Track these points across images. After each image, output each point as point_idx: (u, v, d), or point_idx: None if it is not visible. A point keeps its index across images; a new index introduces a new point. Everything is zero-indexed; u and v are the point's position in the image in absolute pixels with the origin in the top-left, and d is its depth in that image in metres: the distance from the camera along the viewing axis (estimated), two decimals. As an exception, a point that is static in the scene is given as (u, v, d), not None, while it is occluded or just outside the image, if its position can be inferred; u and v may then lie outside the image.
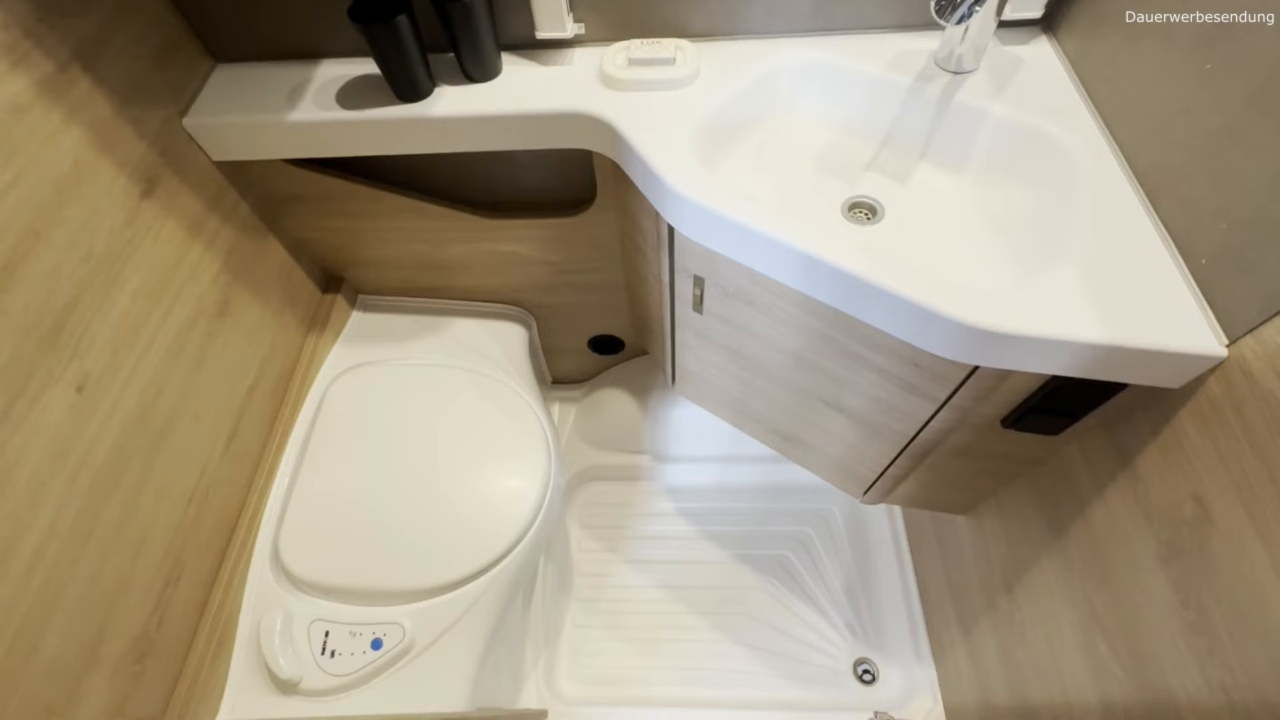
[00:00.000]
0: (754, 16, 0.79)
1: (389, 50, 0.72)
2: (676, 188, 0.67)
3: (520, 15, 0.78)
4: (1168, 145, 0.60)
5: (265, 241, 0.96)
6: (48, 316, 0.63)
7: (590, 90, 0.77)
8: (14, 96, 0.60)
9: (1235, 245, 0.53)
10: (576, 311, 1.22)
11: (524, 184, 1.00)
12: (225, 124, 0.80)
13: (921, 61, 0.76)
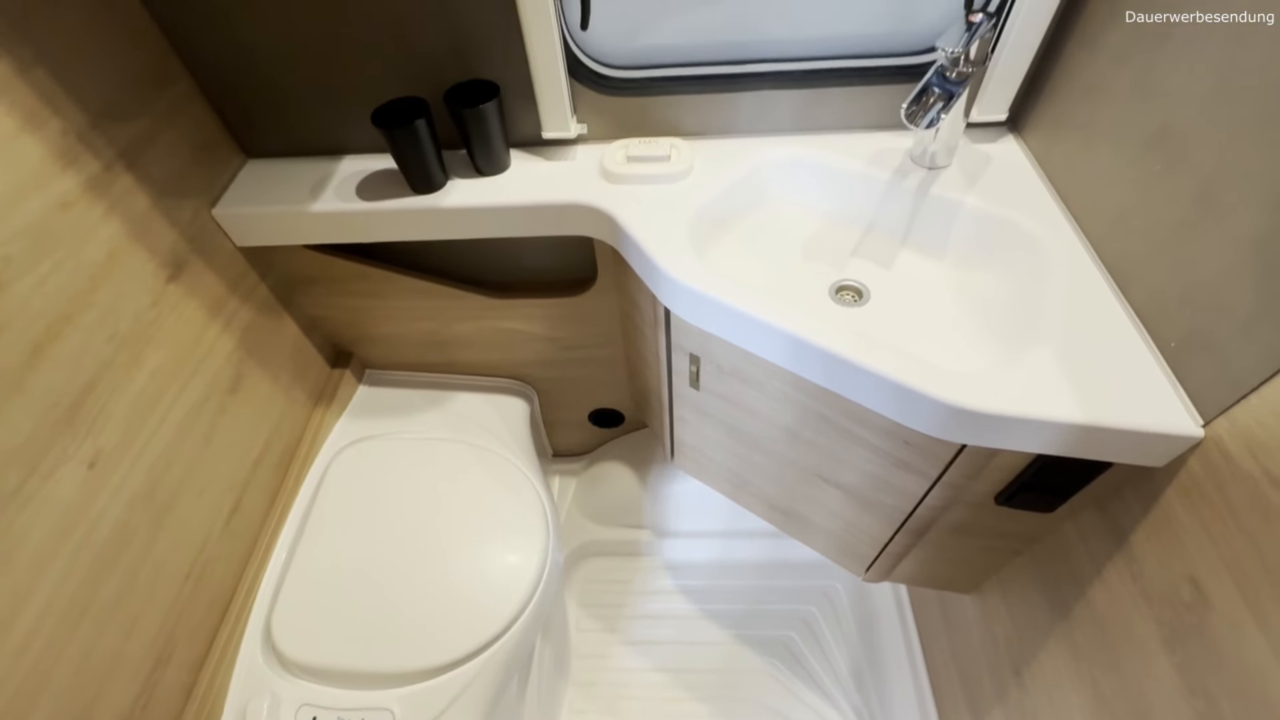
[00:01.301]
0: (743, 118, 0.86)
1: (407, 149, 0.79)
2: (671, 273, 0.72)
3: (528, 116, 0.85)
4: (1130, 236, 0.64)
5: (280, 319, 1.01)
6: (68, 396, 0.66)
7: (592, 184, 0.83)
8: (63, 194, 0.65)
9: (1199, 330, 0.56)
10: (578, 386, 1.25)
11: (528, 265, 1.05)
12: (252, 213, 0.86)
13: (898, 158, 0.82)
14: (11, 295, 0.60)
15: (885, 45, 0.82)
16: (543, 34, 0.74)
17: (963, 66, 0.69)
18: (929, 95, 0.69)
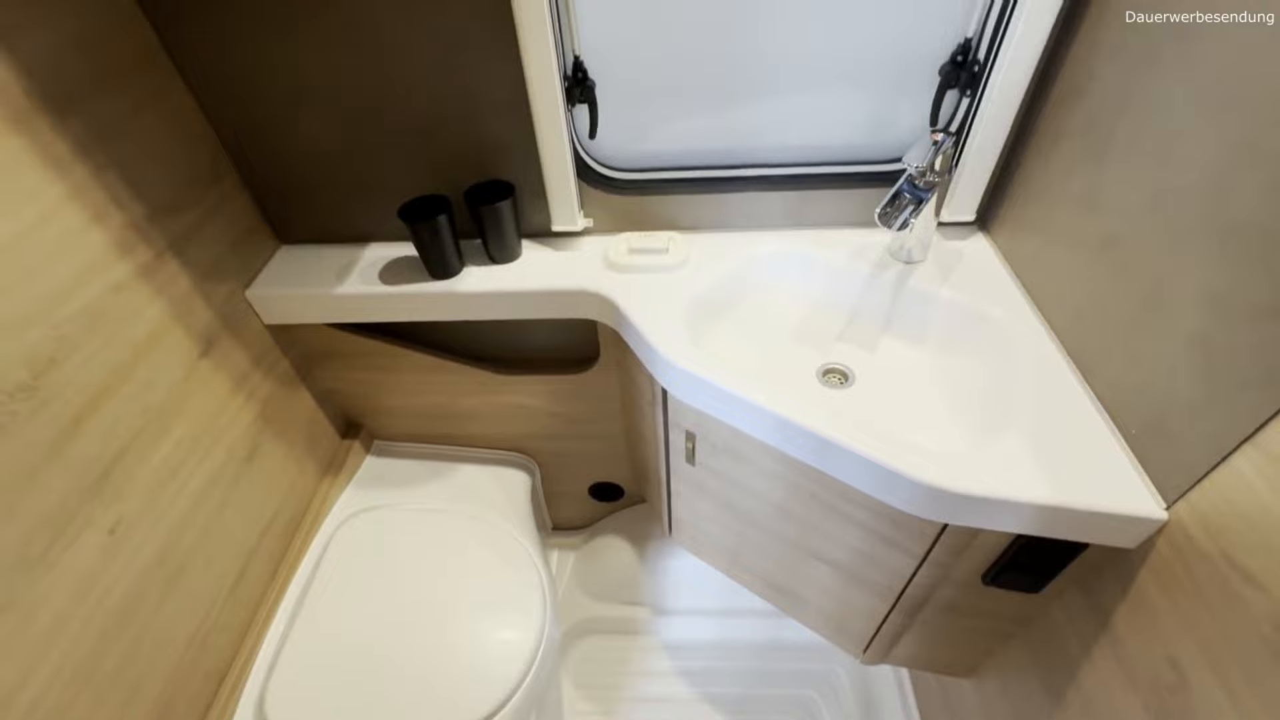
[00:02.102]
0: (735, 215, 0.94)
1: (429, 241, 0.87)
2: (668, 357, 0.77)
3: (539, 212, 0.93)
4: (1089, 330, 0.70)
5: (297, 392, 1.06)
6: (100, 464, 0.70)
7: (596, 272, 0.90)
8: (117, 279, 0.72)
9: (1156, 419, 0.60)
10: (579, 459, 1.28)
11: (535, 343, 1.12)
12: (282, 294, 0.93)
13: (878, 253, 0.90)
14: (63, 370, 0.65)
15: (863, 153, 0.91)
16: (555, 142, 0.83)
17: (930, 176, 0.77)
18: (901, 200, 0.77)
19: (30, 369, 0.63)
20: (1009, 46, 0.72)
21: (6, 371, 0.60)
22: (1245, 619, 0.49)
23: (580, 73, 0.83)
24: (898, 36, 0.78)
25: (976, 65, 0.78)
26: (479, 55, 0.77)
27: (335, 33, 0.76)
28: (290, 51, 0.78)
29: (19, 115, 0.61)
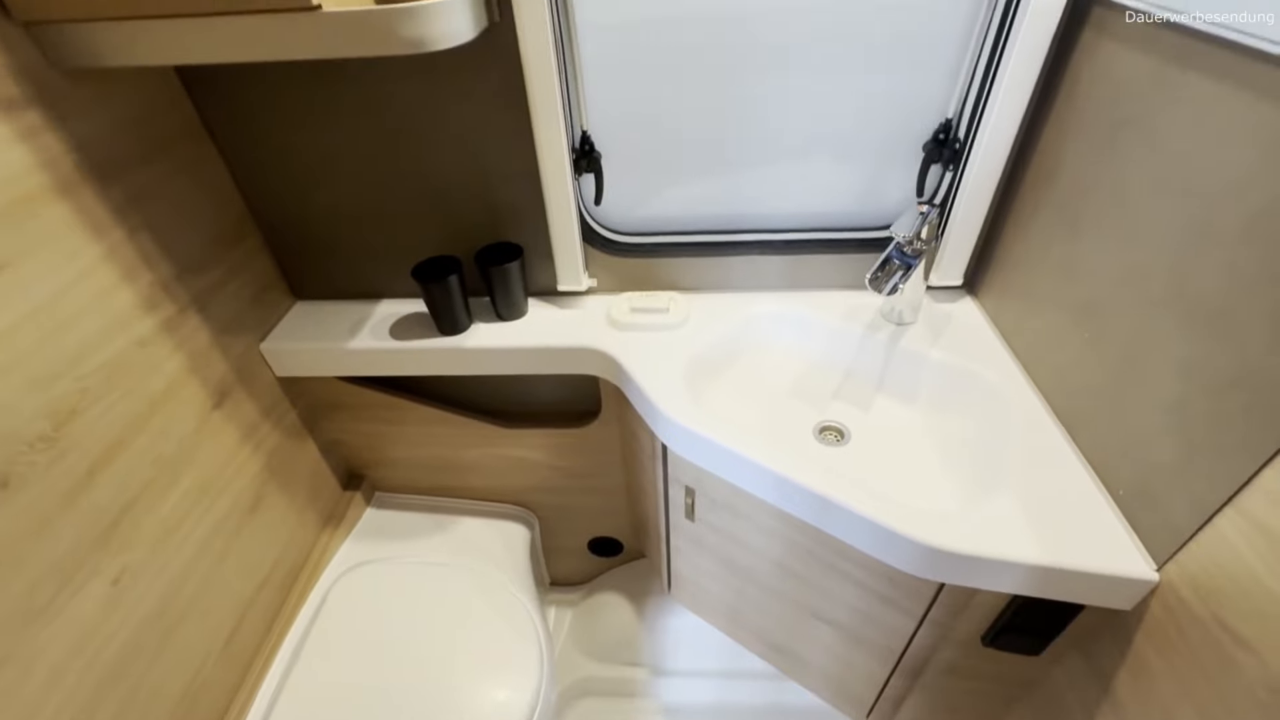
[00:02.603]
0: (733, 277, 0.98)
1: (439, 300, 0.91)
2: (668, 413, 0.79)
3: (545, 271, 0.98)
4: (1073, 392, 0.73)
5: (303, 443, 1.08)
6: (110, 514, 0.71)
7: (599, 331, 0.93)
8: (142, 334, 0.75)
9: (1141, 480, 0.62)
10: (579, 513, 1.29)
11: (538, 397, 1.14)
12: (296, 349, 0.96)
13: (871, 314, 0.93)
14: (83, 421, 0.68)
15: (854, 221, 0.95)
16: (562, 209, 0.88)
17: (917, 244, 0.81)
18: (890, 266, 0.81)
19: (52, 420, 0.65)
20: (986, 127, 0.77)
21: (30, 423, 0.63)
22: (1239, 683, 0.50)
23: (587, 145, 0.88)
24: (884, 115, 0.84)
25: (957, 143, 0.84)
26: (495, 132, 0.82)
27: (361, 113, 0.82)
28: (318, 128, 0.83)
29: (67, 184, 0.66)
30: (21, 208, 0.61)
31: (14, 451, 0.61)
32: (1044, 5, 0.68)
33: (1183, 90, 0.56)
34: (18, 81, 0.61)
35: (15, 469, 0.61)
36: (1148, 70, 0.59)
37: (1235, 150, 0.51)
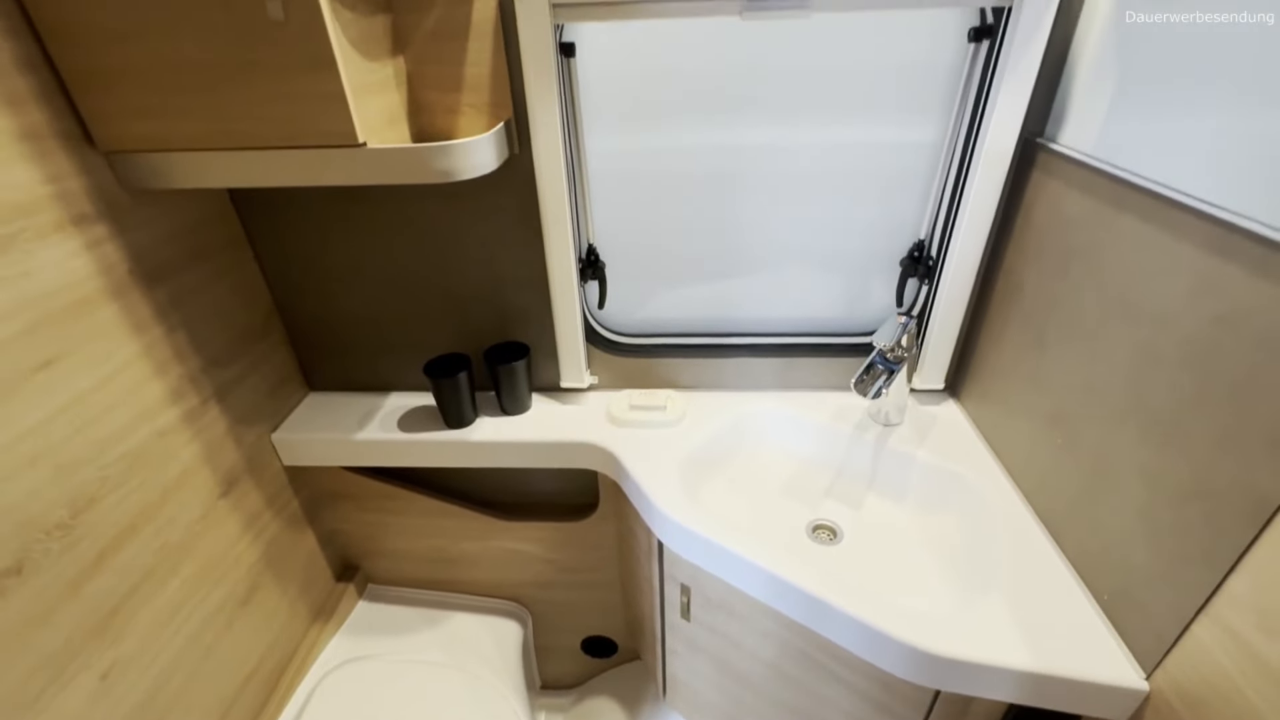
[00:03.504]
0: (728, 377, 1.04)
1: (448, 394, 0.95)
2: (664, 510, 0.82)
3: (550, 369, 1.03)
4: (1053, 496, 0.76)
5: (302, 533, 1.08)
6: (109, 603, 0.72)
7: (599, 426, 0.97)
8: (164, 425, 0.79)
9: (1123, 585, 0.64)
10: (573, 610, 1.27)
11: (537, 488, 1.16)
12: (306, 439, 0.99)
13: (859, 415, 0.98)
14: (99, 509, 0.70)
15: (840, 326, 1.02)
16: (568, 312, 0.95)
17: (898, 351, 0.87)
18: (875, 370, 0.86)
19: (71, 508, 0.67)
20: (955, 248, 0.86)
21: (50, 510, 0.65)
22: (1234, 801, 0.50)
23: (593, 256, 0.96)
24: (864, 234, 0.93)
25: (931, 260, 0.92)
26: (510, 244, 0.91)
27: (387, 227, 0.90)
28: (347, 239, 0.92)
29: (120, 287, 0.72)
30: (77, 309, 0.67)
31: (31, 539, 0.63)
32: (997, 148, 0.78)
33: (1119, 229, 0.63)
34: (92, 200, 0.69)
35: (30, 556, 0.63)
36: (1089, 209, 0.68)
37: (1166, 283, 0.57)
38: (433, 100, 0.79)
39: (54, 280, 0.65)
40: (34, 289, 0.63)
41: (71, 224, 0.67)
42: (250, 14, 0.60)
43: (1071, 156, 0.71)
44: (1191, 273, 0.54)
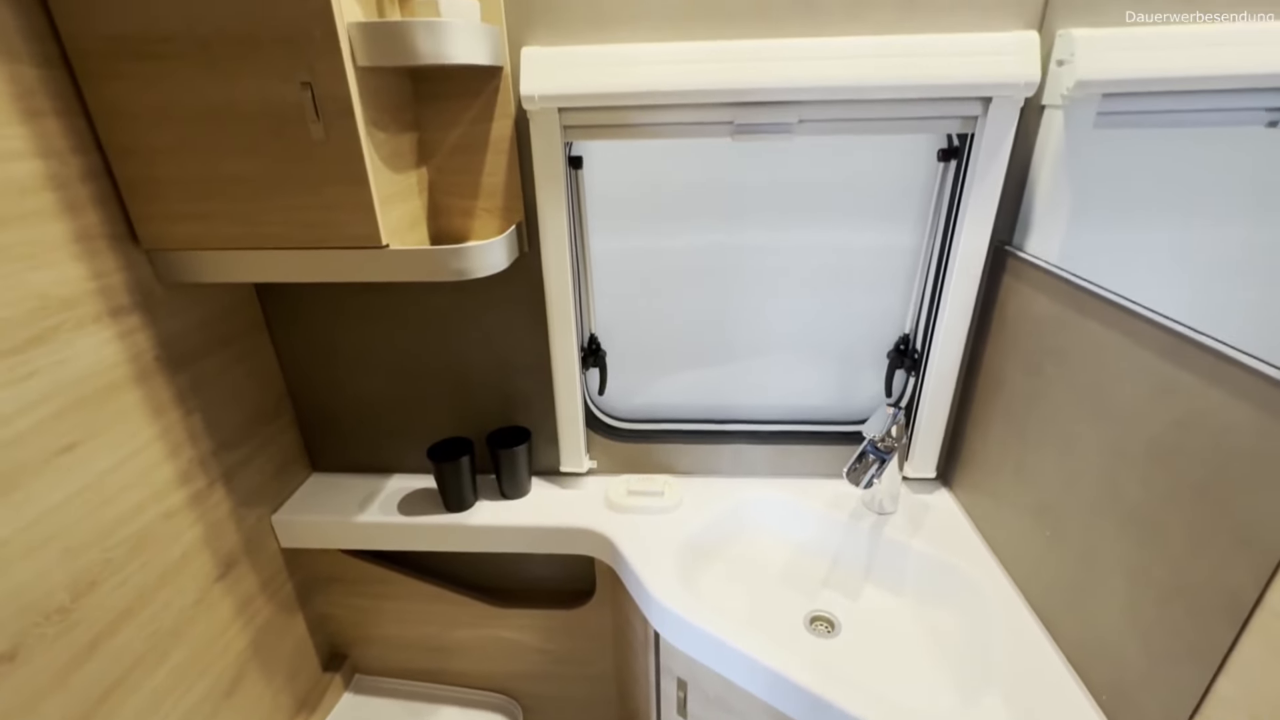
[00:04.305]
0: (724, 463, 1.06)
1: (449, 478, 0.97)
2: (661, 600, 0.82)
3: (550, 453, 1.05)
4: (1045, 589, 0.76)
5: (292, 618, 1.07)
6: (96, 693, 0.71)
7: (597, 512, 0.99)
8: (170, 506, 0.80)
9: (1119, 684, 0.63)
10: (566, 704, 1.22)
11: (533, 574, 1.15)
12: (305, 520, 1.00)
13: (853, 503, 0.99)
14: (99, 593, 0.71)
15: (833, 414, 1.06)
16: (569, 398, 0.99)
17: (888, 441, 0.90)
18: (866, 459, 0.89)
19: (72, 592, 0.68)
20: (938, 342, 0.90)
21: (52, 593, 0.66)
22: None
23: (595, 344, 1.01)
24: (852, 326, 0.98)
25: (916, 353, 0.97)
26: (516, 333, 0.96)
27: (400, 316, 0.96)
28: (361, 326, 0.97)
29: (145, 374, 0.76)
30: (105, 394, 0.71)
31: (30, 623, 0.64)
32: (969, 253, 0.84)
33: (1084, 332, 0.68)
34: (129, 293, 0.74)
35: (26, 641, 0.63)
36: (1056, 313, 0.73)
37: (1131, 386, 0.61)
38: (451, 204, 0.86)
39: (87, 367, 0.69)
40: (67, 375, 0.67)
41: (109, 315, 0.72)
42: (295, 135, 0.67)
43: (1037, 264, 0.77)
44: (1152, 377, 0.59)
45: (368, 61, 0.66)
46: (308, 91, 0.65)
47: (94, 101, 0.68)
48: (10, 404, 0.62)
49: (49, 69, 0.65)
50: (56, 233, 0.66)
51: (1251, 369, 0.49)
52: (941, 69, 0.73)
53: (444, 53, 0.67)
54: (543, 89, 0.76)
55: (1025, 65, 0.72)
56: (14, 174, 0.61)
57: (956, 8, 0.73)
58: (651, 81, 0.75)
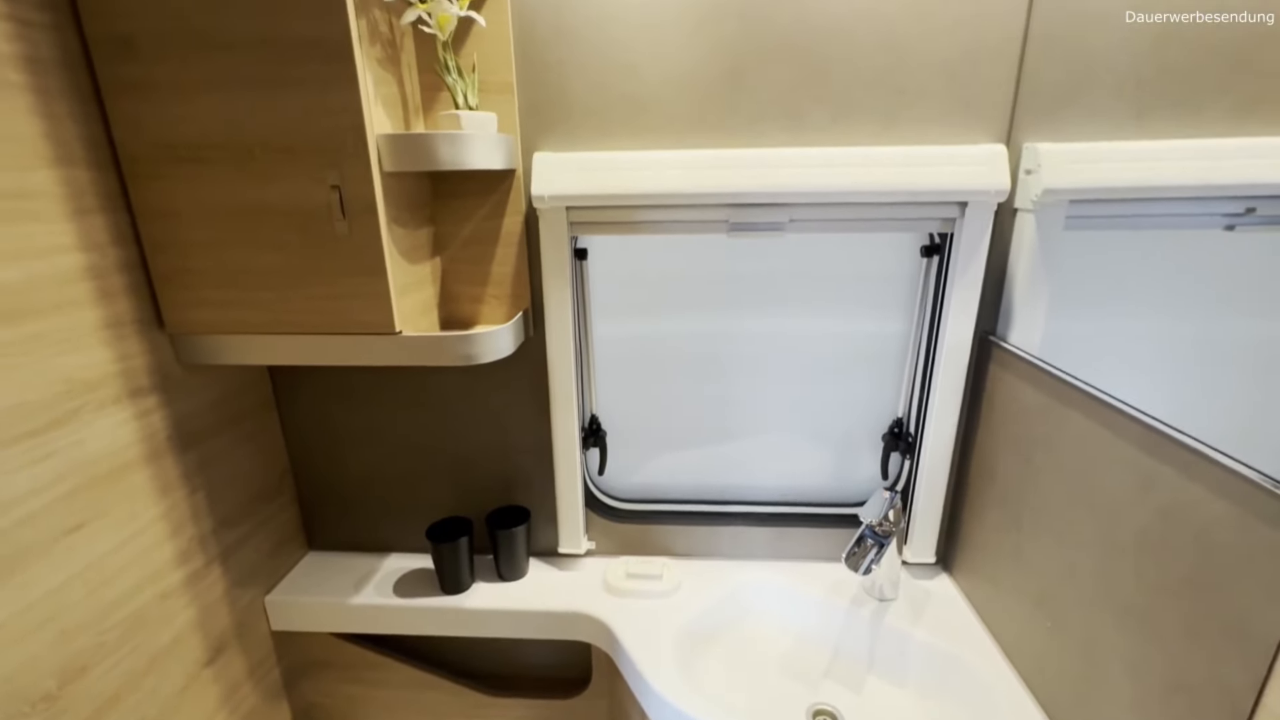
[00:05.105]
0: (722, 545, 1.06)
1: (447, 559, 0.97)
2: (659, 690, 0.80)
3: (548, 533, 1.05)
4: (1051, 683, 0.75)
5: (277, 707, 1.03)
6: (72, 788, 0.68)
7: (595, 595, 0.98)
8: (166, 587, 0.80)
9: (1131, 789, 0.61)
10: (557, 806, 1.15)
11: (528, 660, 1.12)
12: (299, 601, 0.99)
13: (853, 589, 0.98)
14: (88, 679, 0.69)
15: (831, 496, 1.06)
16: (569, 478, 1.00)
17: (886, 525, 0.90)
18: (865, 544, 0.89)
19: (60, 678, 0.67)
20: (930, 427, 0.93)
21: (41, 680, 0.65)
22: None
23: (595, 425, 1.03)
24: (847, 410, 1.00)
25: (910, 437, 0.99)
26: (519, 414, 0.98)
27: (407, 396, 0.98)
28: (368, 406, 0.99)
29: (156, 453, 0.78)
30: (116, 474, 0.73)
31: (15, 711, 0.62)
32: (956, 342, 0.88)
33: (1069, 423, 0.70)
34: (150, 375, 0.77)
35: (8, 732, 0.62)
36: (1041, 402, 0.76)
37: (1116, 477, 0.63)
38: (462, 291, 0.91)
39: (102, 447, 0.71)
40: (83, 456, 0.69)
41: (128, 396, 0.74)
42: (321, 231, 0.72)
43: (1019, 354, 0.80)
44: (1134, 469, 0.61)
45: (393, 167, 0.72)
46: (336, 193, 0.71)
47: (138, 199, 0.73)
48: (25, 485, 0.63)
49: (100, 171, 0.71)
50: (89, 319, 0.69)
51: (1226, 467, 0.51)
52: (920, 177, 0.79)
53: (464, 160, 0.74)
54: (552, 190, 0.82)
55: (995, 175, 0.79)
56: (58, 266, 0.66)
57: (931, 123, 0.81)
58: (653, 185, 0.82)
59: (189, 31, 0.66)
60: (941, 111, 0.80)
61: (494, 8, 0.79)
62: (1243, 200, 0.78)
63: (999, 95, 0.79)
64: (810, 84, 0.80)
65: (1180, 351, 0.82)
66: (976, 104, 0.80)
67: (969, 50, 0.78)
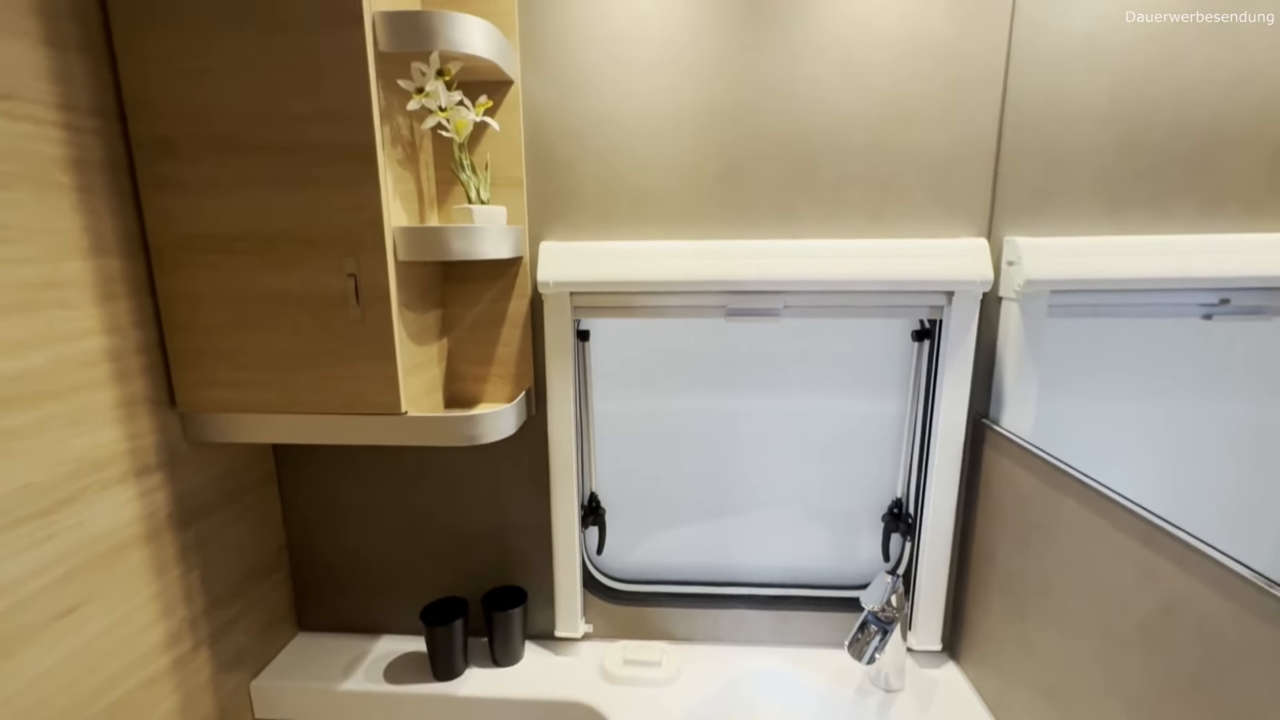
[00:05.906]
0: (723, 629, 1.03)
1: (441, 643, 0.94)
2: (657, 790, 0.76)
3: (545, 615, 1.03)
4: (1067, 786, 0.72)
5: (254, 804, 0.97)
6: None
7: (592, 682, 0.94)
8: (154, 671, 0.78)
9: None
10: None
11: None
12: (285, 687, 0.95)
13: (858, 677, 0.95)
14: (62, 776, 0.67)
15: (833, 578, 1.05)
16: (568, 557, 0.99)
17: (889, 610, 0.88)
18: (868, 630, 0.87)
19: (35, 774, 0.64)
20: (929, 507, 0.93)
21: (15, 776, 0.62)
22: None
23: (595, 503, 1.03)
24: (847, 490, 1.01)
25: (910, 517, 0.99)
26: (519, 494, 0.98)
27: (408, 473, 0.99)
28: (368, 482, 1.00)
29: (155, 532, 0.78)
30: (113, 555, 0.72)
31: (-16, 812, 0.60)
32: (950, 424, 0.89)
33: (1064, 508, 0.71)
34: (157, 453, 0.78)
35: (-24, 835, 0.59)
36: (1036, 488, 0.76)
37: (1116, 567, 0.63)
38: (467, 371, 0.94)
39: (103, 528, 0.71)
40: (83, 536, 0.69)
41: (134, 475, 0.75)
42: (334, 316, 0.76)
43: (1012, 439, 0.82)
44: (1133, 559, 0.61)
45: (408, 257, 0.76)
46: (352, 280, 0.74)
47: (163, 285, 0.77)
48: (24, 567, 0.63)
49: (129, 260, 0.75)
50: (105, 400, 0.71)
51: (1222, 564, 0.51)
52: (906, 268, 0.84)
53: (474, 251, 0.78)
54: (557, 276, 0.86)
55: (978, 266, 0.83)
56: (82, 349, 0.68)
57: (917, 217, 0.86)
58: (653, 273, 0.86)
59: (226, 136, 0.72)
60: (926, 207, 0.85)
61: (508, 111, 0.85)
62: (1215, 291, 0.82)
63: (978, 192, 0.85)
64: (802, 180, 0.86)
65: (1171, 434, 0.84)
66: (958, 200, 0.85)
67: (948, 151, 0.83)
